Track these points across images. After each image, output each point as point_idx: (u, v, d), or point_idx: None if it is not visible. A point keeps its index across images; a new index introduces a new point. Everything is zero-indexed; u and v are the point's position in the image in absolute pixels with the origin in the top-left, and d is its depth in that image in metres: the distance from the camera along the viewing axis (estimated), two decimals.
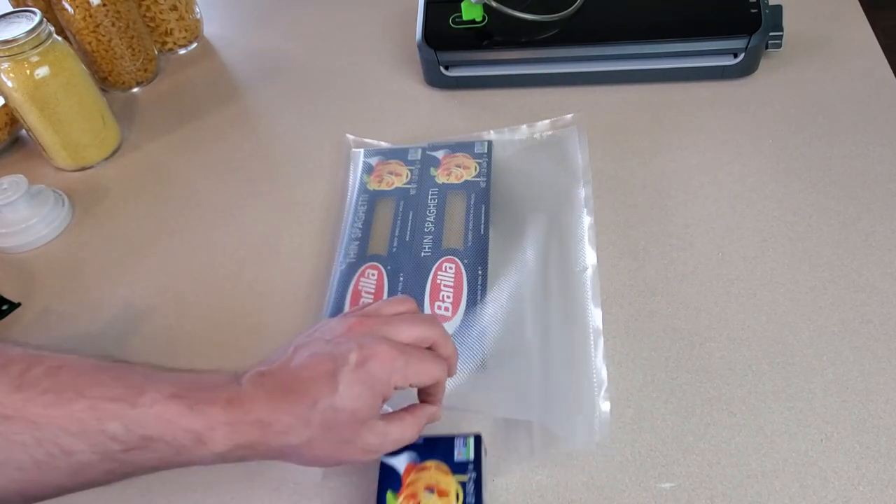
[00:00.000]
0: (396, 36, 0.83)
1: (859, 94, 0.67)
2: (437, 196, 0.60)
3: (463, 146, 0.64)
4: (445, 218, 0.58)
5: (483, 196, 0.59)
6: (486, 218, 0.57)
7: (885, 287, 0.52)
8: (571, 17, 0.69)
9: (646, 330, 0.51)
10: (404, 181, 0.62)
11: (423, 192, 0.60)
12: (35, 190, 0.65)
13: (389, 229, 0.58)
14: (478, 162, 0.62)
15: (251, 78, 0.82)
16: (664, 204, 0.60)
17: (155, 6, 0.82)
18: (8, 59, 0.63)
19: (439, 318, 0.49)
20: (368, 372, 0.37)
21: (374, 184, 0.62)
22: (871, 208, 0.57)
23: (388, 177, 0.62)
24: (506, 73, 0.73)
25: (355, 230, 0.58)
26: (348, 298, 0.54)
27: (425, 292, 0.53)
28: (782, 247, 0.55)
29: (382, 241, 0.57)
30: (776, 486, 0.43)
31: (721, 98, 0.69)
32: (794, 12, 0.70)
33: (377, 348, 0.37)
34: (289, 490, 0.46)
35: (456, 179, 0.61)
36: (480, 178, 0.60)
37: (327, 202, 0.65)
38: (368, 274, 0.55)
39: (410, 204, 0.60)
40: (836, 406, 0.46)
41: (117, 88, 0.81)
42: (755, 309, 0.51)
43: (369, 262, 0.56)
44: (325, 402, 0.36)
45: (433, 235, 0.57)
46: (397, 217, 0.59)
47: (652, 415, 0.46)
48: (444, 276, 0.53)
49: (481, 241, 0.55)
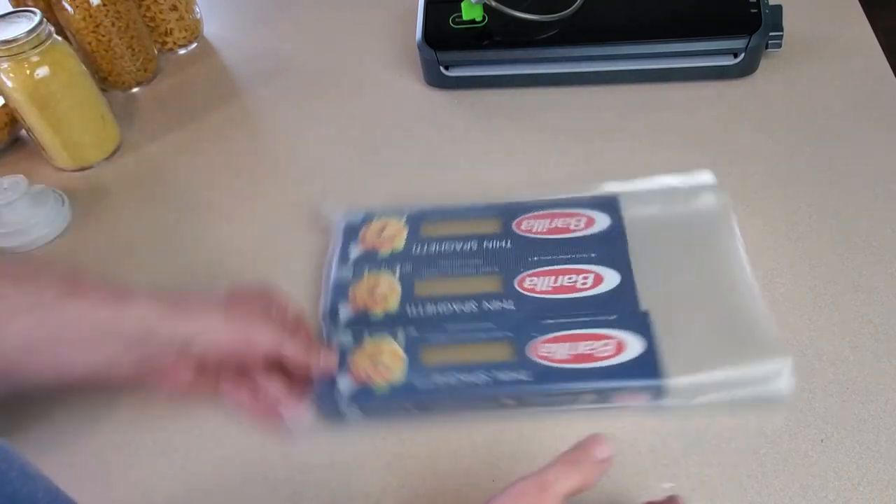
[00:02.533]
0: (396, 36, 0.83)
1: (859, 94, 0.67)
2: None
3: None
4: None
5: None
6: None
7: (885, 287, 0.52)
8: (571, 17, 0.69)
9: None
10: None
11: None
12: (35, 190, 0.65)
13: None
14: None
15: (251, 78, 0.82)
16: None
17: (155, 6, 0.82)
18: (8, 59, 0.63)
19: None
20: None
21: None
22: (871, 208, 0.57)
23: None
24: (506, 73, 0.73)
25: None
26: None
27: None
28: (782, 247, 0.55)
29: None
30: (776, 486, 0.43)
31: (721, 98, 0.69)
32: (794, 12, 0.70)
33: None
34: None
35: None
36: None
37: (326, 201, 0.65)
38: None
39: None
40: (836, 406, 0.46)
41: (117, 88, 0.81)
42: None
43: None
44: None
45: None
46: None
47: (652, 414, 0.46)
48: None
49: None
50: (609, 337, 0.48)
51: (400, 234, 0.56)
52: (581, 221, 0.56)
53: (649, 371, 0.46)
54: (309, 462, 0.47)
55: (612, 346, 0.47)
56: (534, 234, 0.55)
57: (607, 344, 0.47)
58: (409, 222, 0.57)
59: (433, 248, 0.55)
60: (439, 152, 0.68)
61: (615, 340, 0.48)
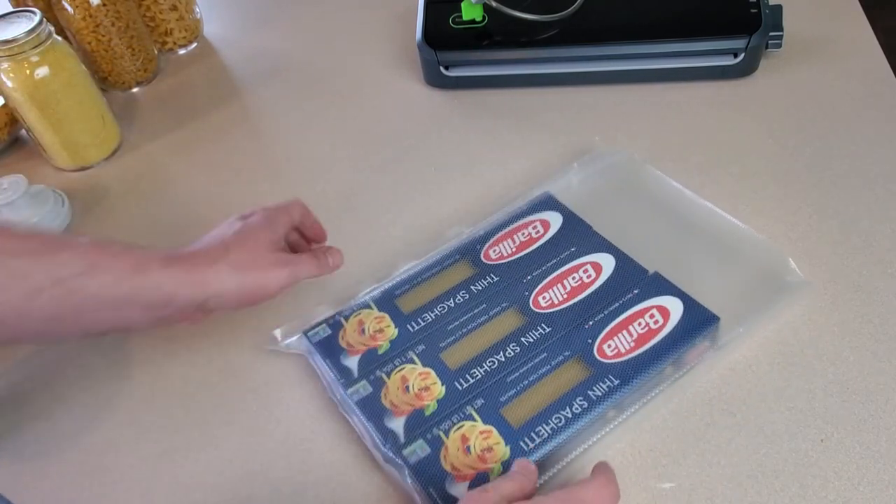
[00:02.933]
0: (396, 36, 0.83)
1: (859, 94, 0.67)
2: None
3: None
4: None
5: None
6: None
7: (885, 287, 0.52)
8: (571, 17, 0.69)
9: None
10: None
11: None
12: (35, 190, 0.65)
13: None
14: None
15: (251, 78, 0.82)
16: None
17: (155, 6, 0.82)
18: (8, 59, 0.63)
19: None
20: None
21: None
22: (871, 208, 0.57)
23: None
24: (506, 73, 0.73)
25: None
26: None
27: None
28: (782, 246, 0.55)
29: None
30: (776, 486, 0.42)
31: (721, 98, 0.69)
32: (794, 12, 0.70)
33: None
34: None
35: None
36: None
37: (327, 202, 0.65)
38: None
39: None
40: (836, 406, 0.46)
41: (117, 88, 0.81)
42: None
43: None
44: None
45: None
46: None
47: (652, 415, 0.46)
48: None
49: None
50: (649, 308, 0.49)
51: (382, 321, 0.51)
52: (538, 227, 0.56)
53: (704, 319, 0.48)
54: (308, 461, 0.47)
55: (658, 315, 0.49)
56: (509, 258, 0.55)
57: (653, 315, 0.49)
58: (380, 307, 0.52)
59: (428, 317, 0.51)
60: (439, 152, 0.68)
61: (656, 308, 0.49)
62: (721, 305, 0.49)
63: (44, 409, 0.52)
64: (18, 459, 0.50)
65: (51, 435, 0.51)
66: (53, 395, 0.53)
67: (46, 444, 0.50)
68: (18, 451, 0.50)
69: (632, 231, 0.55)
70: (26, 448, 0.50)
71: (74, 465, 0.49)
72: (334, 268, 0.53)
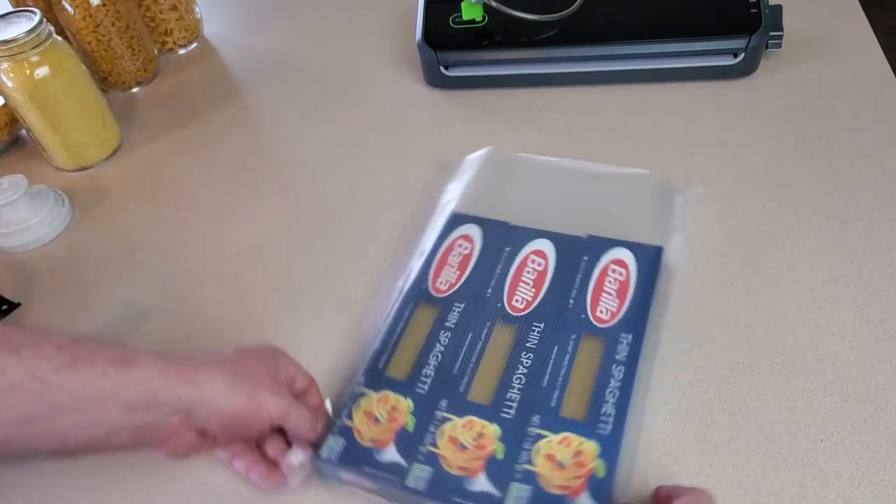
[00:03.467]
0: (396, 36, 0.83)
1: (859, 94, 0.67)
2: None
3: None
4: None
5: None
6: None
7: (885, 287, 0.52)
8: (571, 17, 0.69)
9: None
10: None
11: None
12: (35, 190, 0.65)
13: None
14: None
15: (251, 78, 0.82)
16: None
17: (155, 6, 0.82)
18: (8, 59, 0.63)
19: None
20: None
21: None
22: (871, 208, 0.57)
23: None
24: (506, 73, 0.73)
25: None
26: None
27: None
28: (782, 247, 0.55)
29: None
30: (776, 486, 0.43)
31: (721, 98, 0.69)
32: (794, 12, 0.70)
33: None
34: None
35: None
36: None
37: (327, 202, 0.65)
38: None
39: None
40: (836, 406, 0.46)
41: (117, 88, 0.81)
42: (755, 309, 0.51)
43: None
44: None
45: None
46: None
47: (652, 415, 0.46)
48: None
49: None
50: (606, 266, 0.53)
51: (389, 400, 0.47)
52: (463, 243, 0.56)
53: (651, 253, 0.53)
54: None
55: (619, 268, 0.52)
56: (458, 282, 0.53)
57: (614, 270, 0.52)
58: (376, 387, 0.48)
59: (429, 373, 0.48)
60: (439, 152, 0.68)
61: (612, 263, 0.53)
62: (648, 236, 0.54)
63: None
64: (18, 459, 0.50)
65: None
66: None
67: None
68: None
69: (540, 212, 0.58)
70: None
71: (74, 465, 0.49)
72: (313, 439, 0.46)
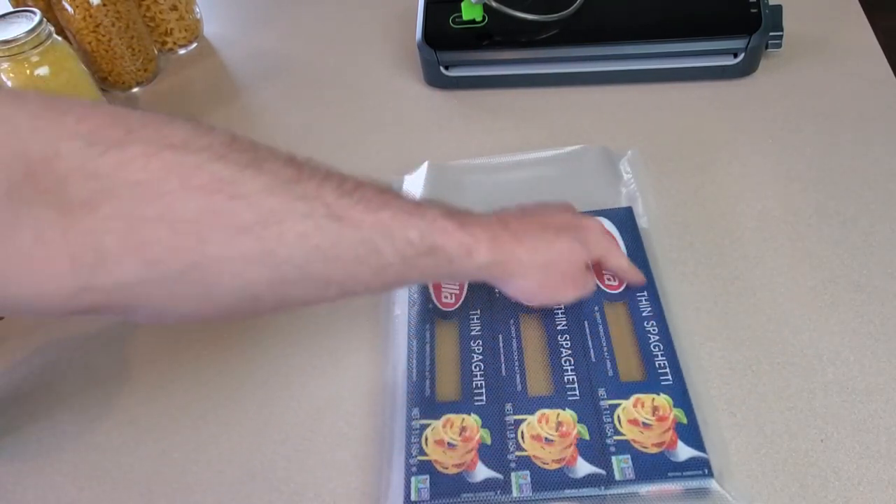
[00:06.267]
0: (396, 36, 0.83)
1: (859, 94, 0.67)
2: None
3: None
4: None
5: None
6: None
7: (885, 287, 0.52)
8: (571, 17, 0.69)
9: None
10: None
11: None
12: None
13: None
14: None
15: (251, 78, 0.82)
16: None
17: (155, 6, 0.82)
18: (8, 59, 0.63)
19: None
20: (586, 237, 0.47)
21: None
22: (871, 208, 0.57)
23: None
24: (506, 73, 0.73)
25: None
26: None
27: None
28: (782, 247, 0.55)
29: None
30: (776, 486, 0.43)
31: (721, 98, 0.69)
32: (794, 12, 0.70)
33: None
34: (289, 490, 0.46)
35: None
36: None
37: None
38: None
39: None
40: (836, 406, 0.46)
41: (117, 88, 0.81)
42: (755, 309, 0.51)
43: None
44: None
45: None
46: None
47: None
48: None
49: None
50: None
51: (455, 422, 0.45)
52: None
53: (625, 215, 0.56)
54: (308, 462, 0.47)
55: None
56: (463, 293, 0.53)
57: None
58: (435, 415, 0.46)
59: (478, 384, 0.47)
60: (439, 152, 0.68)
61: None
62: (612, 202, 0.58)
63: (44, 409, 0.52)
64: (19, 459, 0.50)
65: (51, 435, 0.51)
66: (53, 395, 0.53)
67: (46, 444, 0.50)
68: (18, 451, 0.50)
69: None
70: (26, 448, 0.50)
71: (74, 465, 0.49)
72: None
